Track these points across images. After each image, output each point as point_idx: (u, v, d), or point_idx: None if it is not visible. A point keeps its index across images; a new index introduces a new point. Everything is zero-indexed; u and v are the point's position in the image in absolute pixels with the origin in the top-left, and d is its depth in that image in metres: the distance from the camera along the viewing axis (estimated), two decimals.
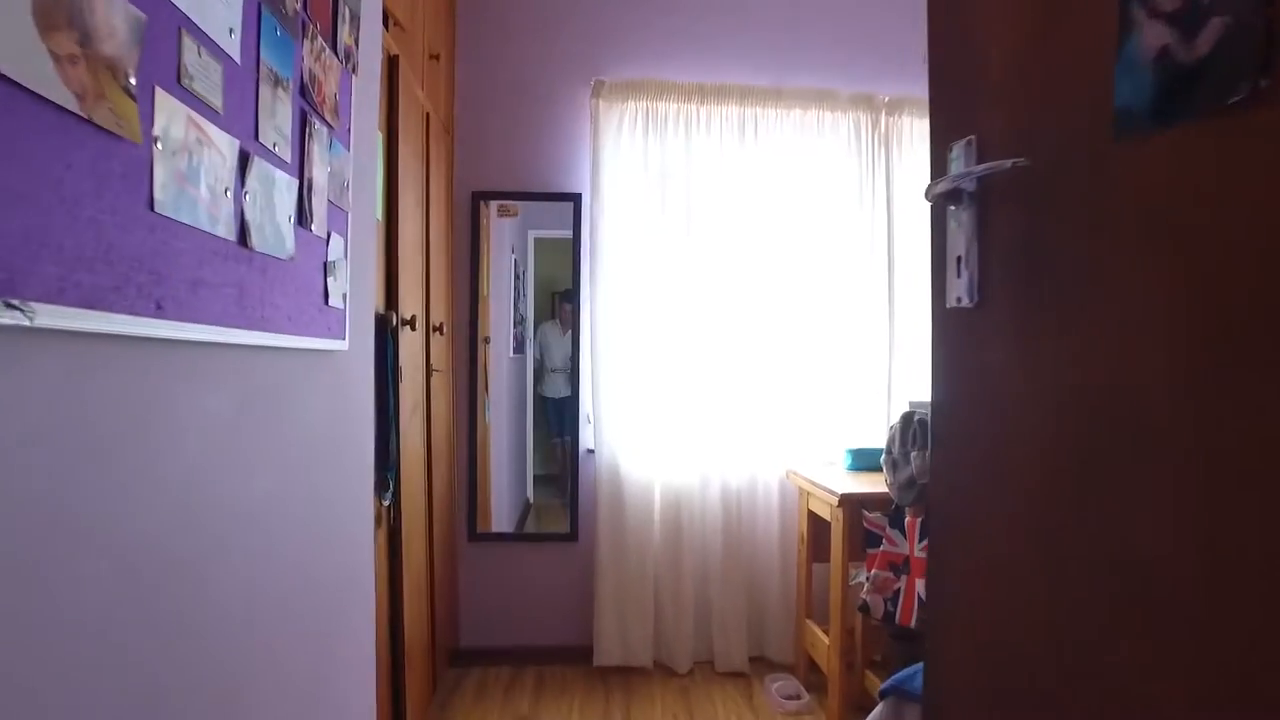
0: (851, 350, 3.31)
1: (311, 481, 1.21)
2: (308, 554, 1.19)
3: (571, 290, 3.31)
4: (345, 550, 1.42)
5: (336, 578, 1.36)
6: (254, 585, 0.99)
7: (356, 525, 1.50)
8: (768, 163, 3.26)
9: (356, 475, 1.52)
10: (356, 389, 1.50)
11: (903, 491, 2.37)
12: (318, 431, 1.23)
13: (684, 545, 3.18)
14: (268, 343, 0.96)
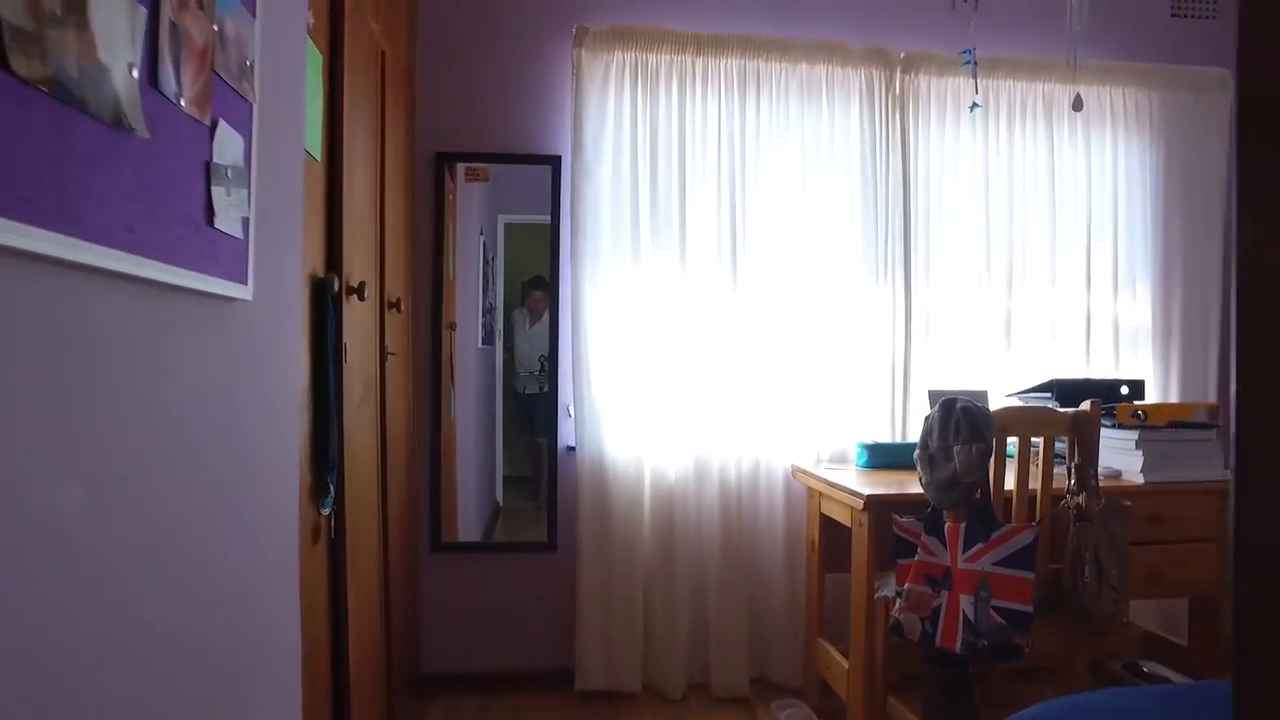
0: (862, 335, 2.98)
1: (185, 491, 0.82)
2: (175, 601, 0.80)
3: (542, 277, 2.93)
4: (252, 582, 1.03)
5: (235, 625, 0.97)
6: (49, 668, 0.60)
7: (272, 545, 1.12)
8: (771, 123, 2.91)
9: (275, 479, 1.13)
10: (272, 360, 1.11)
11: (942, 492, 2.03)
12: (200, 417, 0.84)
13: (677, 553, 2.81)
14: (73, 257, 0.57)
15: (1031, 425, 2.09)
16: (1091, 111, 3.13)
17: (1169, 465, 2.39)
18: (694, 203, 2.87)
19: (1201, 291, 3.25)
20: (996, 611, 1.90)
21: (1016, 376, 3.05)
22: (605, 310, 2.81)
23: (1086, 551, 1.98)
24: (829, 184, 2.95)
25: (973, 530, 1.98)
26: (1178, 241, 3.24)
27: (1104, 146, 3.18)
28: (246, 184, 0.88)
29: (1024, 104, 3.11)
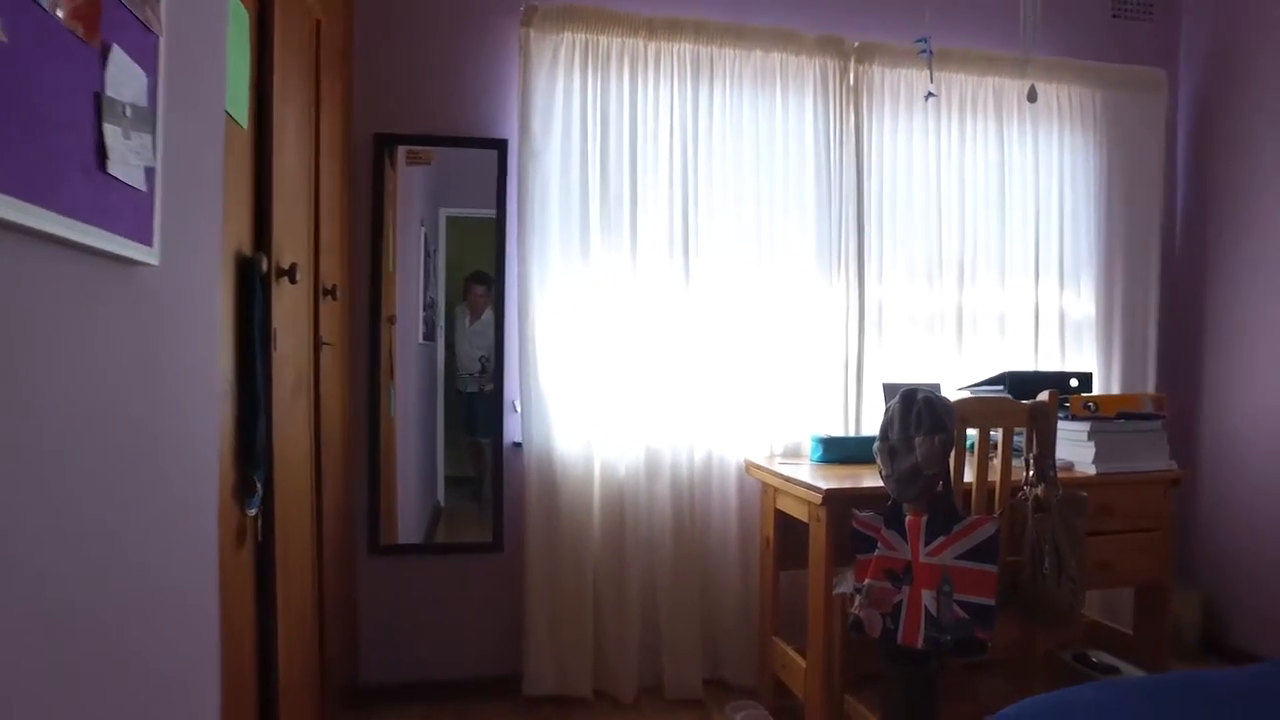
0: (815, 328, 2.93)
1: (72, 489, 0.69)
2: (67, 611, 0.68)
3: (484, 273, 2.81)
4: (162, 590, 0.90)
5: (143, 637, 0.84)
6: None
7: (187, 548, 0.99)
8: (724, 112, 2.84)
9: (189, 476, 1.00)
10: (187, 340, 0.98)
11: (903, 485, 1.99)
12: (92, 401, 0.71)
13: (628, 551, 2.72)
14: None
15: (991, 416, 2.06)
16: (1039, 108, 3.15)
17: (1119, 456, 2.40)
18: (646, 191, 2.78)
19: (1141, 287, 3.31)
20: (959, 605, 1.86)
21: (968, 370, 3.05)
22: (553, 300, 2.71)
23: (1046, 543, 1.96)
24: (783, 174, 2.90)
25: (934, 523, 1.94)
26: (1119, 238, 3.28)
27: (1051, 143, 3.21)
28: (151, 129, 0.76)
29: (975, 98, 3.11)
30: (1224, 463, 3.25)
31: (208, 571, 1.09)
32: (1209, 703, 1.17)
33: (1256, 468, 3.12)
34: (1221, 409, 3.28)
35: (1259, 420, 3.12)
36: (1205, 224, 3.38)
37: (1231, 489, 3.21)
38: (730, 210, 2.86)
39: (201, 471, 1.06)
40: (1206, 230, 3.37)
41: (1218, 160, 3.34)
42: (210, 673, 1.11)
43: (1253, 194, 3.17)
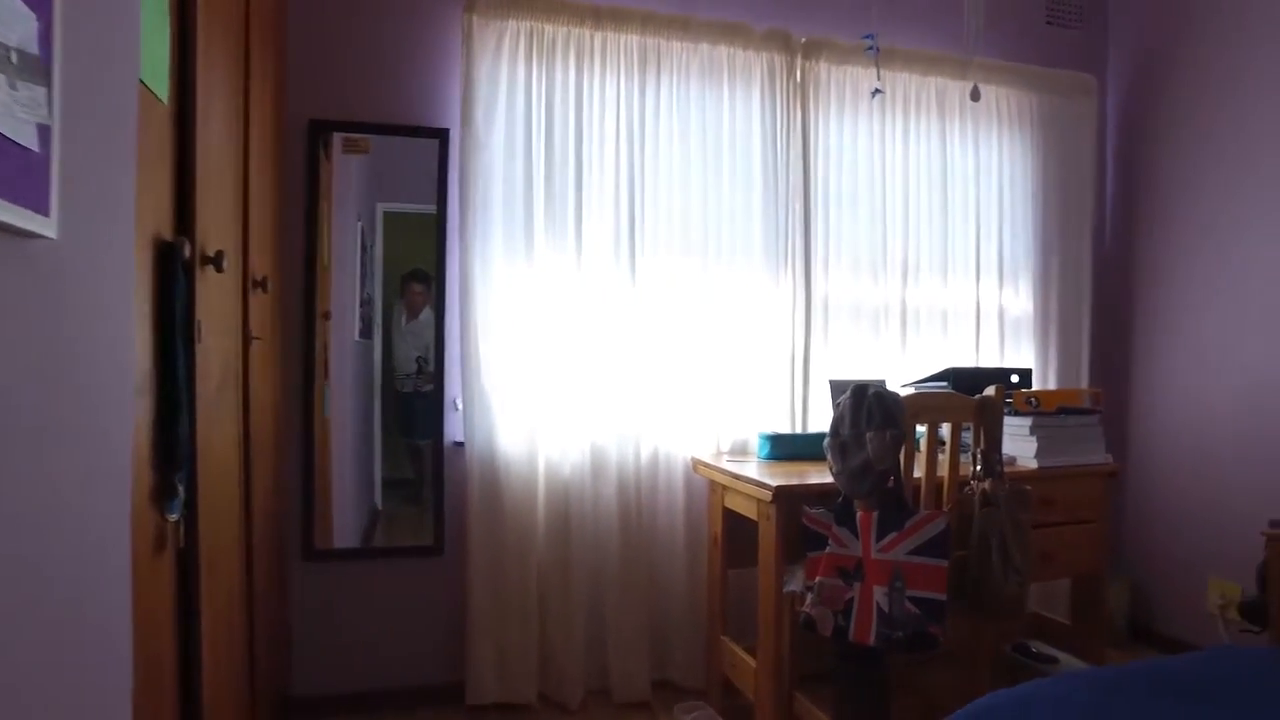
0: (761, 325, 2.92)
1: None
2: None
3: (422, 271, 2.71)
4: (63, 601, 0.81)
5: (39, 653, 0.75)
6: None
7: (93, 555, 0.89)
8: (671, 105, 2.81)
9: (96, 476, 0.90)
10: (95, 326, 0.88)
11: (854, 481, 1.97)
12: None
13: (573, 553, 2.66)
14: None
15: (940, 411, 2.07)
16: (979, 109, 3.20)
17: (1060, 450, 2.44)
18: (591, 184, 2.73)
19: (1075, 285, 3.40)
20: (911, 601, 1.85)
21: (912, 366, 3.08)
22: (496, 297, 2.63)
23: (993, 536, 1.97)
24: (729, 170, 2.88)
25: (886, 519, 1.93)
26: (1055, 237, 3.36)
27: (990, 144, 3.27)
28: (45, 80, 0.67)
29: (919, 97, 3.14)
30: (1150, 455, 3.35)
31: (117, 581, 0.99)
32: (1165, 692, 1.17)
33: (1180, 460, 3.23)
34: (1149, 404, 3.39)
35: (1183, 415, 3.23)
36: (1134, 225, 3.49)
37: (1156, 481, 3.32)
38: (677, 205, 2.82)
39: (111, 473, 0.96)
40: (1135, 231, 3.48)
41: (1144, 162, 3.44)
42: (120, 691, 1.01)
43: (1177, 195, 3.28)
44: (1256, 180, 2.97)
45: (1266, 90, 2.94)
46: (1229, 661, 1.32)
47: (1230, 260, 3.06)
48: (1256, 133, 2.97)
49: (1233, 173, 3.06)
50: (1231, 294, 3.06)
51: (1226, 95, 3.09)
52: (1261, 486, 2.87)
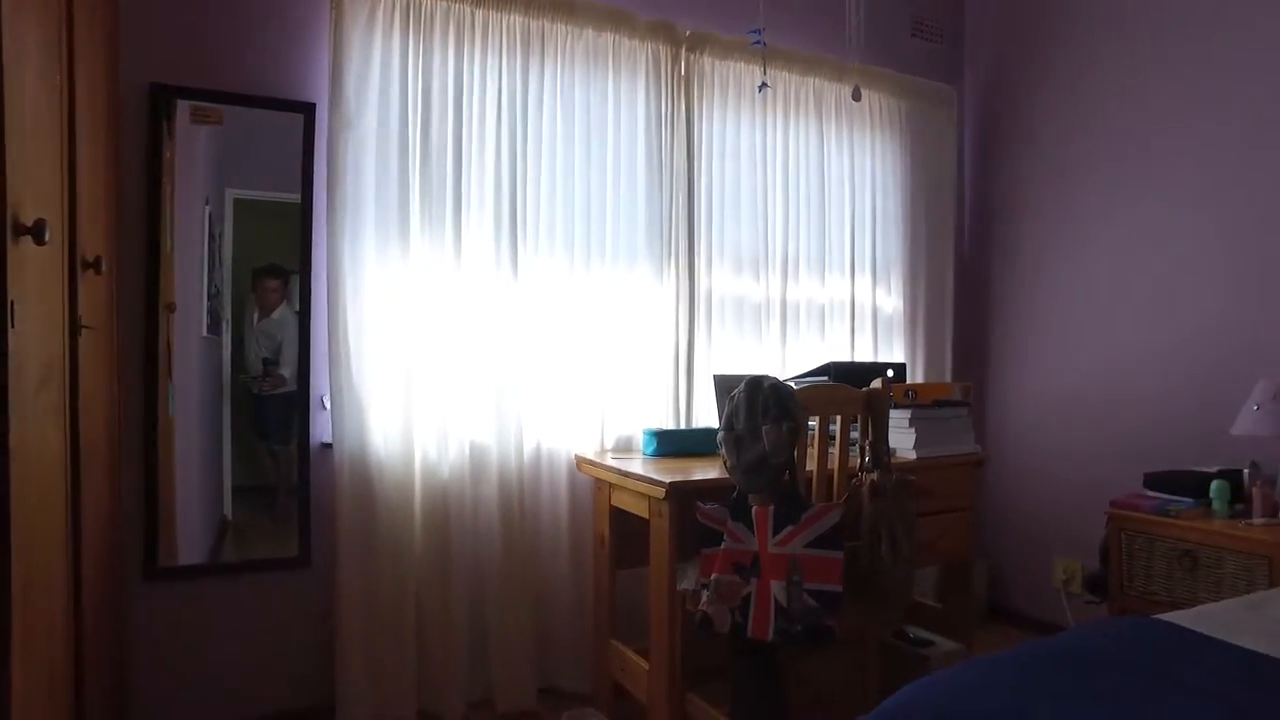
0: (645, 321, 2.87)
1: None
2: None
3: (278, 265, 2.47)
4: None
5: None
6: None
7: None
8: (555, 91, 2.71)
9: None
10: None
11: (750, 475, 1.95)
12: None
13: (453, 557, 2.51)
14: None
15: (832, 404, 2.08)
16: (854, 113, 3.30)
17: (936, 441, 2.53)
18: (471, 170, 2.59)
19: (940, 284, 3.58)
20: (809, 594, 1.85)
21: (793, 361, 3.13)
22: (368, 288, 2.44)
23: (883, 527, 2.00)
24: (614, 161, 2.82)
25: (782, 513, 1.91)
26: (922, 238, 3.52)
27: (865, 146, 3.37)
28: None
29: (798, 97, 3.19)
30: (1004, 444, 3.57)
31: None
32: (1072, 665, 1.23)
33: (1030, 448, 3.47)
34: (1003, 396, 3.61)
35: (1033, 405, 3.47)
36: (989, 228, 3.71)
37: (1010, 468, 3.54)
38: (560, 195, 2.73)
39: None
40: (990, 233, 3.70)
41: (997, 169, 3.67)
42: None
43: (1027, 200, 3.51)
44: (1097, 186, 3.22)
45: (1103, 103, 3.18)
46: (1110, 631, 1.42)
47: (1074, 261, 3.30)
48: (1096, 143, 3.22)
49: (1076, 179, 3.30)
50: (1076, 292, 3.30)
51: (1069, 107, 3.33)
52: (1102, 471, 3.10)
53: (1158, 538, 2.54)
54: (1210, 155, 2.85)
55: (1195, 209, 2.89)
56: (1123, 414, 3.10)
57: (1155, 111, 3.03)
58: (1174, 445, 2.88)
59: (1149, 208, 3.04)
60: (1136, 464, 2.87)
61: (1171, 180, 2.97)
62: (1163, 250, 2.99)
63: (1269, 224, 2.68)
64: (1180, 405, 2.90)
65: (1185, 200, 2.92)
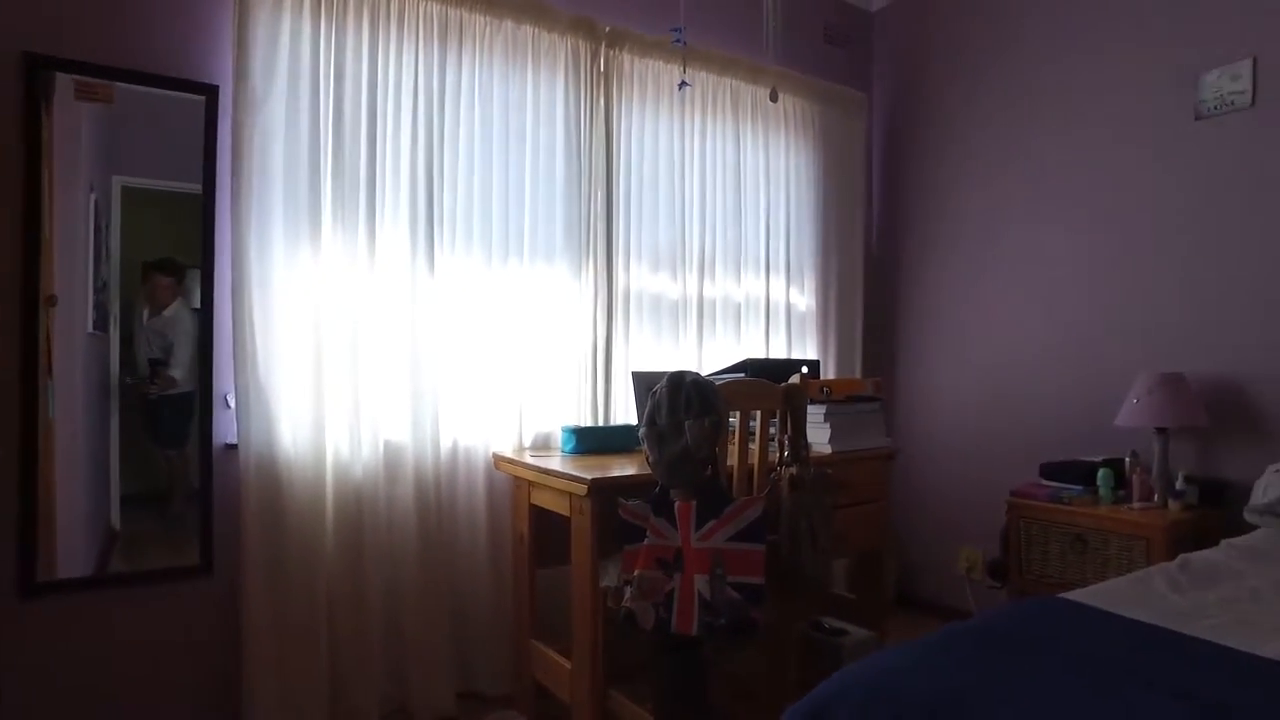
0: (563, 318, 2.86)
1: None
2: None
3: (173, 260, 2.33)
4: None
5: None
6: None
7: None
8: (474, 83, 2.66)
9: None
10: None
11: (673, 470, 1.95)
12: None
13: (367, 562, 2.42)
14: None
15: (753, 399, 2.11)
16: (770, 115, 3.37)
17: (850, 435, 2.61)
18: (386, 163, 2.51)
19: (850, 284, 3.69)
20: (732, 587, 1.87)
21: (710, 358, 3.16)
22: (277, 281, 2.32)
23: (803, 520, 2.04)
24: (532, 156, 2.79)
25: (705, 508, 1.93)
26: (833, 239, 3.62)
27: (779, 148, 3.44)
28: None
29: (716, 97, 3.23)
30: (911, 438, 3.72)
31: None
32: (993, 644, 1.30)
33: (935, 441, 3.62)
34: (909, 391, 3.76)
35: (937, 400, 3.62)
36: (896, 229, 3.85)
37: (916, 461, 3.69)
38: (478, 190, 2.67)
39: None
40: (897, 234, 3.84)
41: (903, 173, 3.81)
42: None
43: (931, 203, 3.66)
44: (994, 194, 3.38)
45: (995, 117, 3.36)
46: (1023, 611, 1.51)
47: (974, 264, 3.47)
48: (991, 154, 3.39)
49: (975, 187, 3.47)
50: (976, 294, 3.46)
51: (966, 120, 3.49)
52: (1003, 462, 3.27)
53: (1052, 524, 2.69)
54: (1092, 168, 3.05)
55: (1084, 217, 3.08)
56: (1021, 409, 3.27)
57: (1042, 127, 3.22)
58: (1067, 437, 3.06)
59: (1042, 216, 3.22)
60: (1034, 455, 3.04)
61: (1061, 190, 3.15)
62: (1055, 256, 3.17)
63: (1150, 231, 2.88)
64: (1071, 400, 3.08)
65: (1075, 209, 3.11)
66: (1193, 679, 1.17)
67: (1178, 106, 2.79)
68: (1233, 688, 1.13)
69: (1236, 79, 2.65)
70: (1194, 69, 2.75)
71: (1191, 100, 2.76)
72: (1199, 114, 2.74)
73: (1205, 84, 2.72)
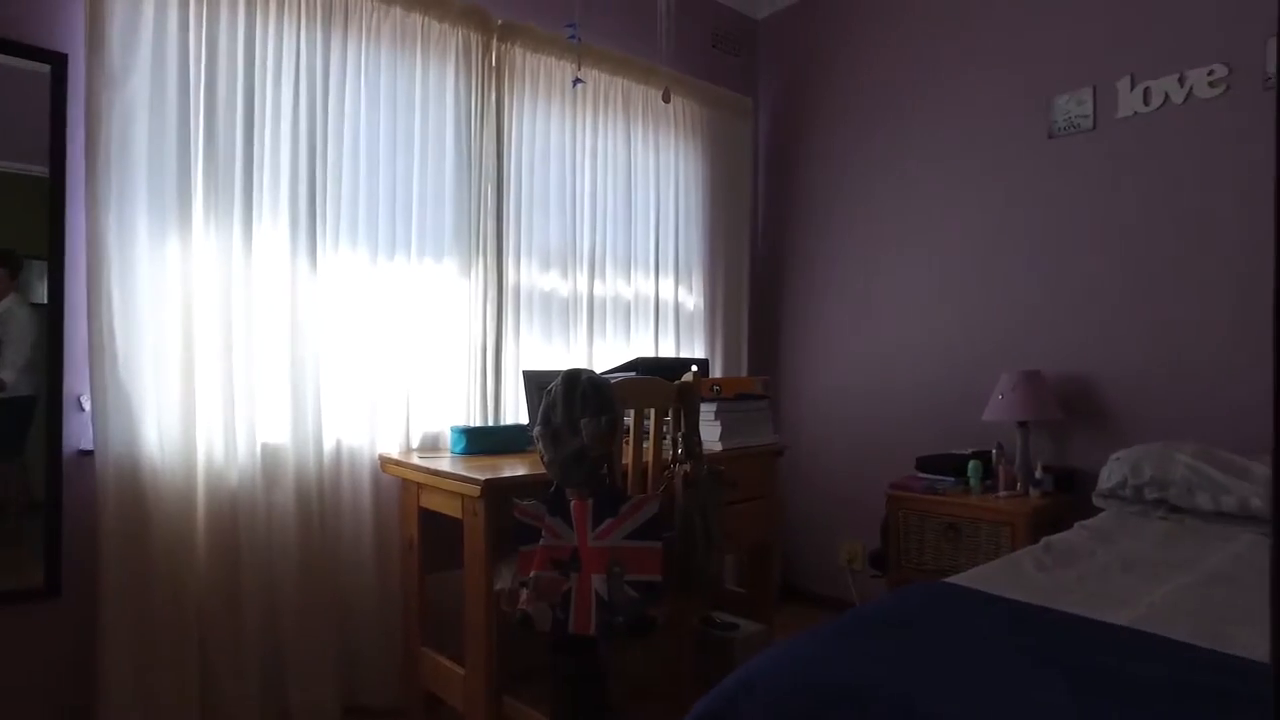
0: (451, 315, 2.79)
1: None
2: None
3: (9, 251, 2.12)
4: None
5: None
6: None
7: None
8: (360, 70, 2.55)
9: None
10: None
11: (569, 469, 1.94)
12: None
13: (244, 575, 2.28)
14: None
15: (647, 397, 2.12)
16: (660, 116, 3.40)
17: (739, 432, 2.66)
18: (265, 149, 2.36)
19: (737, 284, 3.78)
20: (630, 585, 1.87)
21: (600, 357, 3.17)
22: (141, 273, 2.14)
23: (696, 517, 2.07)
24: (420, 148, 2.70)
25: (601, 506, 1.92)
26: (720, 240, 3.70)
27: (669, 150, 3.48)
28: None
29: (608, 96, 3.23)
30: (796, 435, 3.85)
31: None
32: (889, 631, 1.37)
33: (817, 438, 3.76)
34: (793, 389, 3.89)
35: (820, 397, 3.76)
36: (780, 231, 3.97)
37: (800, 457, 3.82)
38: (363, 182, 2.57)
39: None
40: (780, 235, 3.97)
41: (786, 177, 3.94)
42: None
43: (813, 209, 3.80)
44: (871, 203, 3.55)
45: (876, 126, 3.52)
46: (912, 597, 1.59)
47: (852, 267, 3.62)
48: (869, 165, 3.55)
49: (854, 194, 3.63)
50: (856, 294, 3.62)
51: (846, 130, 3.65)
52: (882, 456, 3.43)
53: (928, 514, 2.84)
54: (958, 182, 3.25)
55: (951, 228, 3.27)
56: (898, 406, 3.44)
57: (911, 144, 3.41)
58: (940, 431, 3.24)
59: (913, 225, 3.40)
60: (910, 450, 3.20)
61: (930, 203, 3.34)
62: (926, 263, 3.36)
63: (1009, 241, 3.09)
64: (943, 396, 3.27)
65: (943, 220, 3.30)
66: (1065, 649, 1.27)
67: (1033, 126, 3.01)
68: (1097, 655, 1.24)
69: (1081, 104, 2.89)
70: (1048, 92, 2.97)
71: (1046, 121, 2.98)
72: (1051, 133, 2.97)
73: (1057, 106, 2.95)
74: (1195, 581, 1.68)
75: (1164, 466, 2.31)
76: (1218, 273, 2.56)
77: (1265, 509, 2.11)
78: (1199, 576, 1.71)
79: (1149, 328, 2.71)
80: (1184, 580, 1.69)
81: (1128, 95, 2.77)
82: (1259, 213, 2.47)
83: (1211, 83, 2.59)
